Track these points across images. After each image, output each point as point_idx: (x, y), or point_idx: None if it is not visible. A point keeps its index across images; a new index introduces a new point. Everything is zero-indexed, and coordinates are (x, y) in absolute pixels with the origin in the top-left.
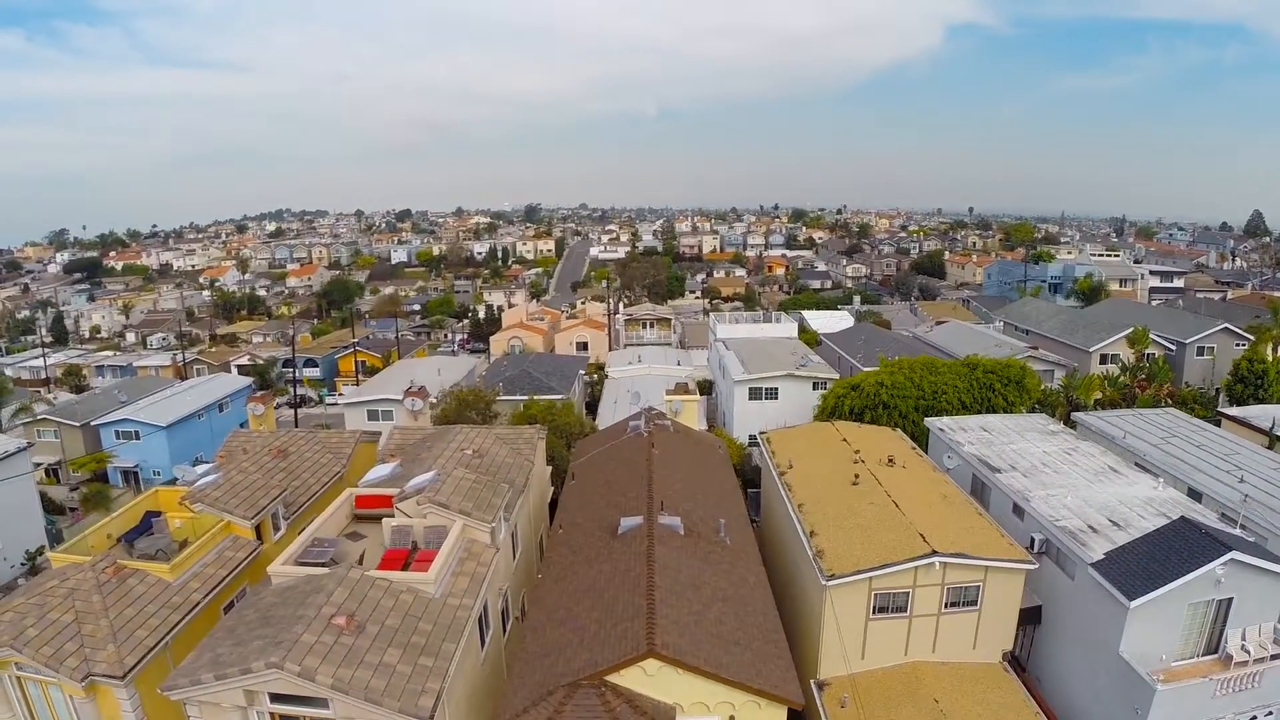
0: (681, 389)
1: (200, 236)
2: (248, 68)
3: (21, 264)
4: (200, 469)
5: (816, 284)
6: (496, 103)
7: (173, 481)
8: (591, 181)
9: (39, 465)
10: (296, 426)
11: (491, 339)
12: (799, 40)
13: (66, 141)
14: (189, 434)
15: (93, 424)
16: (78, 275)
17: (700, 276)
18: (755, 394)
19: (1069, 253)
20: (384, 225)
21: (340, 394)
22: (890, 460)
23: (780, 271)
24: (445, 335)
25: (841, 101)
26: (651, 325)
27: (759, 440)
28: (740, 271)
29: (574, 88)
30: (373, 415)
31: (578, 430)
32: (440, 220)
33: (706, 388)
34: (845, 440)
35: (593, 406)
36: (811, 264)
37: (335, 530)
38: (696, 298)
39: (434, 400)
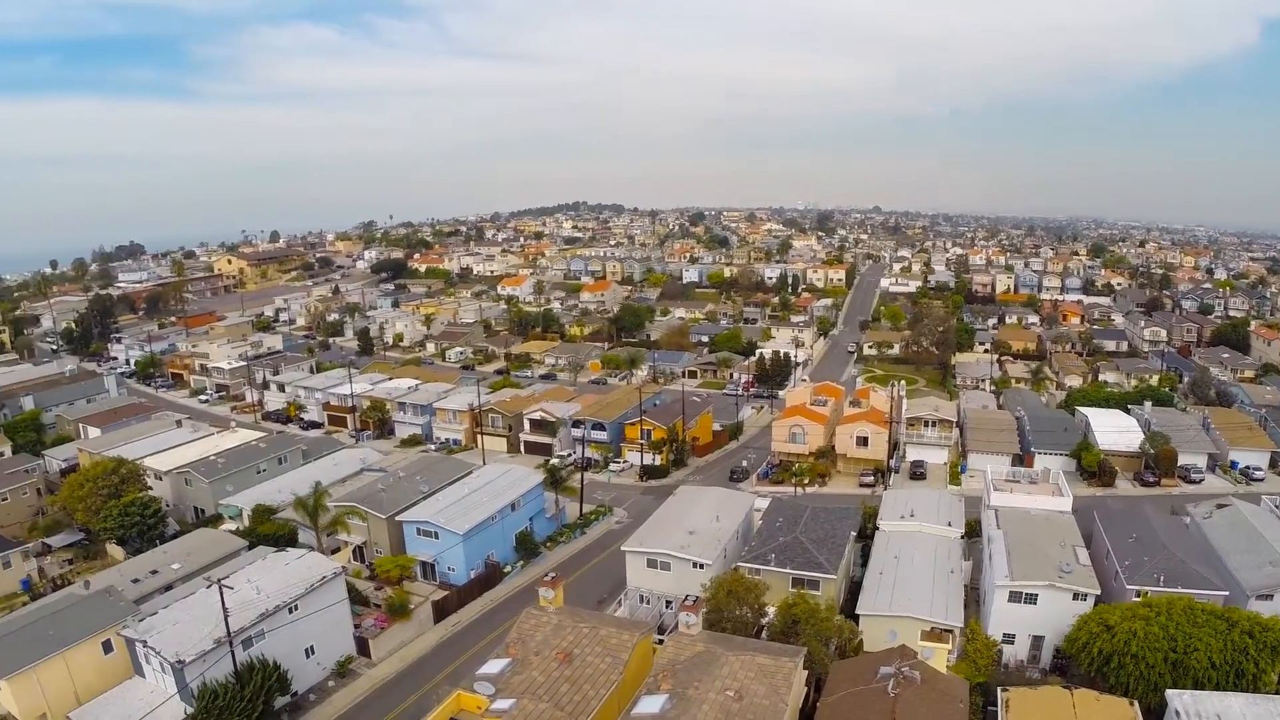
0: (935, 636)
1: (499, 239)
2: (548, 60)
3: (332, 260)
4: (493, 668)
5: (1111, 345)
6: (787, 96)
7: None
8: (884, 183)
9: (345, 544)
10: (582, 493)
11: (774, 424)
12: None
13: (376, 128)
14: (483, 536)
15: (397, 518)
16: (383, 275)
17: (991, 321)
18: (1015, 597)
19: None
20: (677, 229)
21: (625, 460)
22: None
23: (1075, 320)
24: (730, 375)
25: (1147, 103)
26: (933, 425)
27: (998, 701)
28: (1033, 318)
29: (867, 82)
30: (651, 564)
31: (835, 633)
32: (733, 225)
33: (975, 527)
34: None
35: (863, 535)
36: (1108, 315)
37: None
38: (985, 350)
39: (705, 587)
